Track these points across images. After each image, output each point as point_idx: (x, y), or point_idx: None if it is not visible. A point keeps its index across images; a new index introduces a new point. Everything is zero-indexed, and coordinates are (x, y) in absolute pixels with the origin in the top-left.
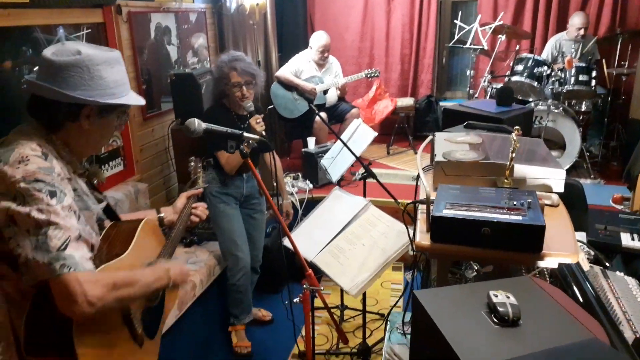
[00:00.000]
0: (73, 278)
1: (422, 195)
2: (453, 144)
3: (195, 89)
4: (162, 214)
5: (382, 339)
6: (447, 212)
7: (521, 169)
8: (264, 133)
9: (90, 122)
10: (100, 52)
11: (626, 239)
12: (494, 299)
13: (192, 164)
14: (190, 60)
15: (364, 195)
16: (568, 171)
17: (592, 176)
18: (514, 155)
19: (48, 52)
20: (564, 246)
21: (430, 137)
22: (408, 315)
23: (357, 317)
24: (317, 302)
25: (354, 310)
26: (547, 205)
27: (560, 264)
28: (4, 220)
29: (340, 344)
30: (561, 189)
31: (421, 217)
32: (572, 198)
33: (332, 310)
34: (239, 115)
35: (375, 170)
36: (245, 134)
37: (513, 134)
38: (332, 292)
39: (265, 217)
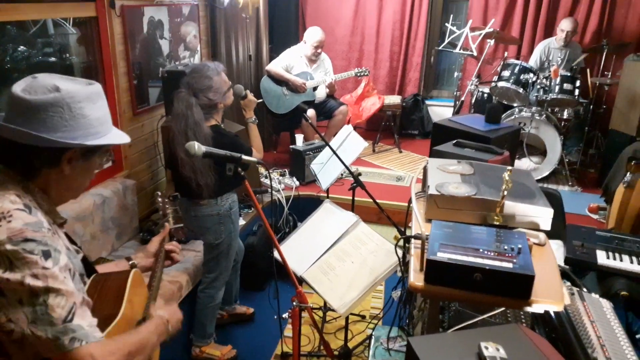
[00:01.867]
0: (86, 353)
1: (414, 225)
2: (445, 173)
3: None
4: (134, 261)
5: (363, 342)
6: (442, 256)
7: (511, 206)
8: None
9: (72, 166)
10: (81, 87)
11: (602, 257)
12: (485, 352)
13: (160, 199)
14: (182, 54)
15: (353, 205)
16: (547, 177)
17: (570, 183)
18: (505, 193)
19: (18, 88)
20: (550, 292)
21: (424, 164)
22: (393, 331)
23: (339, 318)
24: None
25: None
26: (535, 244)
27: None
28: None
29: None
30: (548, 227)
31: (414, 254)
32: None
33: (315, 310)
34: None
35: (360, 169)
36: (244, 157)
37: (506, 174)
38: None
39: None
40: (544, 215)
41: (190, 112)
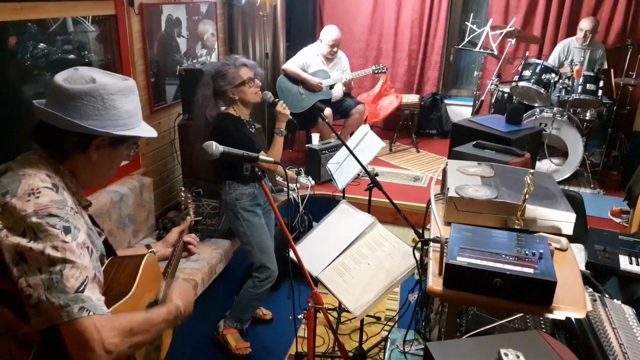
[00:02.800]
0: (90, 323)
1: (433, 228)
2: (465, 175)
3: None
4: (154, 249)
5: (378, 344)
6: (461, 260)
7: (532, 210)
8: (290, 116)
9: (99, 153)
10: (115, 81)
11: (624, 262)
12: (505, 359)
13: (182, 194)
14: (199, 52)
15: (369, 205)
16: (569, 179)
17: (592, 186)
18: (527, 197)
19: (60, 77)
20: (573, 299)
21: (443, 165)
22: (410, 335)
23: (354, 319)
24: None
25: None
26: (556, 249)
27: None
28: (12, 258)
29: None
30: (570, 232)
31: (433, 257)
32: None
33: (329, 311)
34: (248, 122)
35: (377, 168)
36: (261, 157)
37: (528, 177)
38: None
39: None
40: (566, 220)
41: (203, 87)
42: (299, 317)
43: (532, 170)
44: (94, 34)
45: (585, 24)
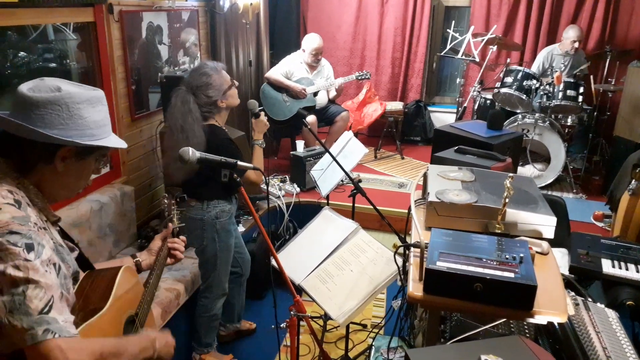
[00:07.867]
0: (55, 345)
1: (414, 233)
2: (446, 180)
3: None
4: (139, 259)
5: (364, 352)
6: (441, 265)
7: (513, 214)
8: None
9: (65, 164)
10: (82, 90)
11: (607, 266)
12: None
13: (166, 201)
14: (181, 60)
15: (353, 212)
16: (551, 185)
17: (574, 191)
18: (507, 201)
19: (25, 87)
20: (553, 303)
21: (424, 172)
22: (394, 342)
23: (340, 327)
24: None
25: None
26: (537, 253)
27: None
28: None
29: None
30: (551, 236)
31: (414, 263)
32: (555, 215)
33: (315, 319)
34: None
35: (362, 175)
36: (240, 163)
37: (507, 181)
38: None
39: None
40: (546, 223)
41: (186, 108)
42: (282, 326)
43: (511, 174)
44: (76, 42)
45: (572, 33)
